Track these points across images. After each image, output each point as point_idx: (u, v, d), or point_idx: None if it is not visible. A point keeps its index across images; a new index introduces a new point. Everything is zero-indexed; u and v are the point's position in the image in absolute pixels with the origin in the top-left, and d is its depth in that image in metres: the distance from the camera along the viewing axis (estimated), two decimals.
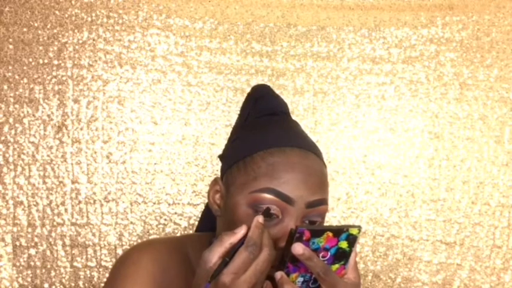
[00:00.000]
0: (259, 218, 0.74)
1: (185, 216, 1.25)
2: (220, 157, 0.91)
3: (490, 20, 1.27)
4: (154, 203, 1.24)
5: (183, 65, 1.25)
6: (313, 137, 1.27)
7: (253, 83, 1.25)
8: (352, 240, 0.74)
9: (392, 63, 1.27)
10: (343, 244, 0.74)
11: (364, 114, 1.28)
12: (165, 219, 1.25)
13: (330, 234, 0.72)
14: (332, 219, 1.27)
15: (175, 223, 1.25)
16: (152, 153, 1.24)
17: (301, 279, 0.75)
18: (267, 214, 0.77)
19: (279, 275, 0.73)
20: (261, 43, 1.26)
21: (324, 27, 1.27)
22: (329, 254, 0.74)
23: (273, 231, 0.76)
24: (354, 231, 0.73)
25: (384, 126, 1.28)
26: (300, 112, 1.27)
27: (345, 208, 1.27)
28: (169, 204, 1.25)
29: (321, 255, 0.73)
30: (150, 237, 1.24)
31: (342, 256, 0.75)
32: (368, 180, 1.27)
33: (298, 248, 0.71)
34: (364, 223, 1.28)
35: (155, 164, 1.24)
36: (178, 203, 1.25)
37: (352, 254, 0.75)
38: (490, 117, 1.27)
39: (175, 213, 1.25)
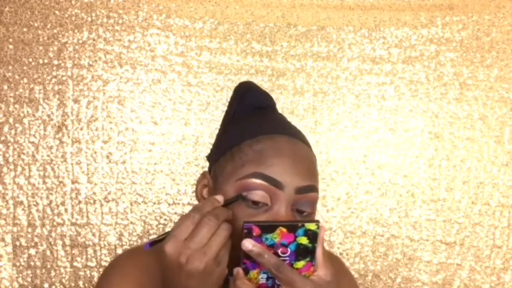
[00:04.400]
0: (218, 197, 0.73)
1: None
2: (208, 157, 0.90)
3: (490, 20, 1.27)
4: (154, 203, 1.24)
5: (183, 65, 1.25)
6: (313, 137, 1.28)
7: None
8: (312, 236, 0.70)
9: (392, 63, 1.27)
10: (303, 240, 0.71)
11: (364, 114, 1.28)
12: (165, 219, 1.25)
13: (284, 229, 0.70)
14: (332, 219, 1.27)
15: (175, 223, 1.25)
16: (152, 153, 1.24)
17: (264, 275, 0.72)
18: (253, 202, 0.75)
19: (235, 270, 0.71)
20: (261, 43, 1.26)
21: (324, 27, 1.27)
22: (289, 250, 0.71)
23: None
24: (311, 226, 0.70)
25: (384, 126, 1.28)
26: (300, 112, 1.27)
27: (345, 208, 1.27)
28: (169, 204, 1.25)
29: (279, 251, 0.70)
30: (148, 239, 1.24)
31: (305, 252, 0.71)
32: (368, 180, 1.27)
33: (247, 244, 0.69)
34: (364, 223, 1.28)
35: (155, 164, 1.24)
36: (178, 203, 1.25)
37: (319, 250, 0.72)
38: (490, 117, 1.27)
39: (175, 213, 1.25)
